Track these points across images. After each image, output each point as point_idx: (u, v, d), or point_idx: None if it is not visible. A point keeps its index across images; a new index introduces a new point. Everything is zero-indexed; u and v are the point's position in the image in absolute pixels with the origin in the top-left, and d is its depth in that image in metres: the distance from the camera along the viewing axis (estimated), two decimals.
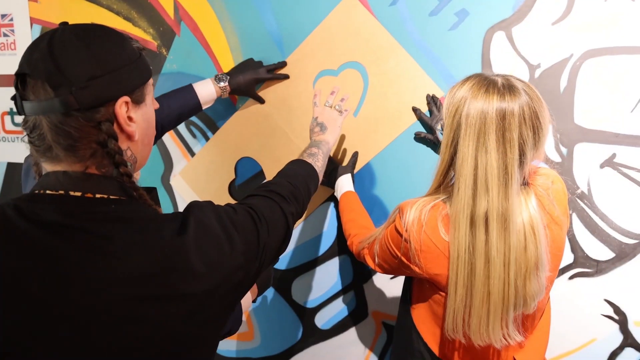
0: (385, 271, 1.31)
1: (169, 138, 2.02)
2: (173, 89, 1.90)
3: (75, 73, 0.81)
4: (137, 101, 0.90)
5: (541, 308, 1.25)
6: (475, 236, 1.07)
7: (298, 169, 1.31)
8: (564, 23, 1.55)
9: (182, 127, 1.99)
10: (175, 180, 2.05)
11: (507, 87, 1.07)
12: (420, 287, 1.27)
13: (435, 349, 1.26)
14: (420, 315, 1.28)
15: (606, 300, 1.63)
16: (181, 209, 1.38)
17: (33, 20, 2.10)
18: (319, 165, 1.40)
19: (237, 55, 1.86)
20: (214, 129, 1.96)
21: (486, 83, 1.09)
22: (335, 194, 1.72)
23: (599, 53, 1.54)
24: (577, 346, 1.68)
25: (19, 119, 2.23)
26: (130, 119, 0.88)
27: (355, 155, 1.78)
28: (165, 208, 2.04)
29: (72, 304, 0.77)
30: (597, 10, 1.52)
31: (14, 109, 2.22)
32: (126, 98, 0.86)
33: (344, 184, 1.69)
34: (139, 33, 1.96)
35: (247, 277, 0.92)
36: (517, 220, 1.07)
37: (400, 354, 1.39)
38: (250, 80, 1.78)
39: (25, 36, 2.13)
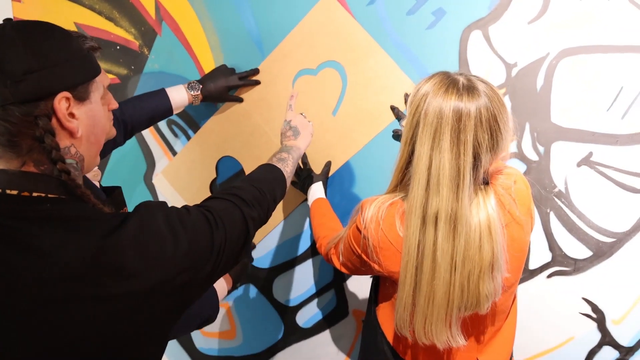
0: (349, 270, 1.31)
1: (151, 137, 2.03)
2: (155, 88, 1.91)
3: (11, 66, 0.80)
4: (81, 98, 0.89)
5: (504, 310, 1.24)
6: (425, 235, 1.07)
7: (266, 174, 1.30)
8: (540, 22, 1.55)
9: (163, 126, 2.00)
10: (157, 179, 2.06)
11: (467, 88, 1.05)
12: (383, 286, 1.28)
13: (398, 349, 1.26)
14: (385, 314, 1.28)
15: (584, 299, 1.63)
16: None
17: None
18: (288, 170, 1.39)
19: (218, 54, 1.87)
20: (196, 128, 1.97)
21: (447, 82, 1.07)
22: (308, 202, 1.72)
23: (575, 52, 1.54)
24: (555, 345, 1.68)
25: None
26: (72, 115, 0.87)
27: (328, 165, 1.80)
28: None
29: None
30: (572, 9, 1.51)
31: None
32: (66, 94, 0.85)
33: (315, 191, 1.70)
34: (121, 33, 1.97)
35: (195, 279, 0.91)
36: (470, 222, 1.06)
37: (366, 353, 1.39)
38: (222, 88, 1.79)
39: None
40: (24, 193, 0.83)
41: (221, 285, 1.53)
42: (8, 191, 0.82)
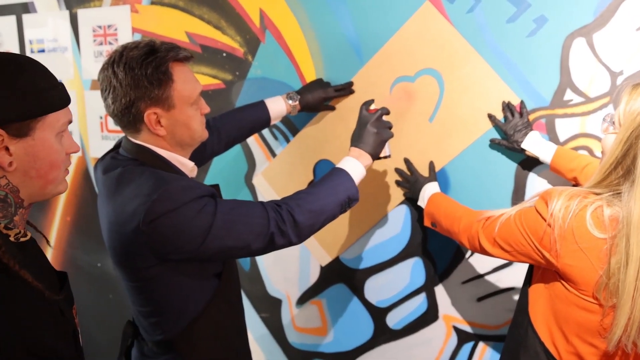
0: (502, 252, 1.29)
1: (253, 139, 2.14)
2: (258, 93, 2.03)
3: None
4: (17, 134, 0.91)
5: None
6: None
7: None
8: None
9: (265, 130, 2.11)
10: (257, 180, 2.17)
11: None
12: (542, 281, 1.26)
13: (552, 350, 1.24)
14: (539, 312, 1.27)
15: None
16: None
17: (134, 30, 2.29)
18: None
19: (318, 61, 1.95)
20: (295, 132, 2.06)
21: None
22: (418, 202, 1.74)
23: None
24: None
25: None
26: (6, 149, 0.90)
27: (432, 165, 1.81)
28: None
29: None
30: None
31: None
32: None
33: (432, 189, 1.71)
34: (227, 40, 2.09)
35: None
36: None
37: (512, 350, 1.37)
38: (319, 99, 1.88)
39: None
40: None
41: (353, 165, 1.50)
42: None
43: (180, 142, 1.36)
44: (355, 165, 1.48)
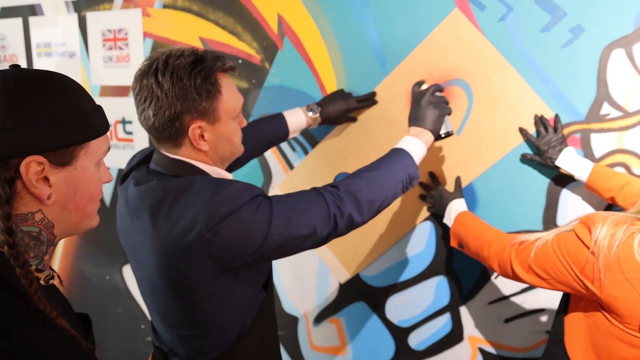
0: (538, 280, 1.22)
1: (270, 152, 2.06)
2: (275, 101, 1.94)
3: None
4: (59, 163, 0.81)
5: None
6: None
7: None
8: None
9: None
10: (273, 192, 2.09)
11: None
12: (581, 310, 1.19)
13: None
14: (576, 344, 1.20)
15: None
16: None
17: (146, 34, 2.21)
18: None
19: (339, 70, 1.87)
20: (314, 143, 1.97)
21: None
22: (444, 220, 1.66)
23: None
24: None
25: (130, 127, 2.36)
26: (45, 179, 0.80)
27: (459, 180, 1.73)
28: None
29: None
30: None
31: (126, 118, 2.35)
32: (38, 158, 0.78)
33: (459, 206, 1.64)
34: (243, 47, 2.01)
35: None
36: None
37: None
38: (341, 111, 1.79)
39: (138, 49, 2.24)
40: None
41: (411, 142, 1.44)
42: None
43: (222, 157, 1.28)
44: (414, 143, 1.41)
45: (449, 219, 1.63)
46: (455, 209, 1.63)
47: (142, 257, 1.24)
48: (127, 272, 2.51)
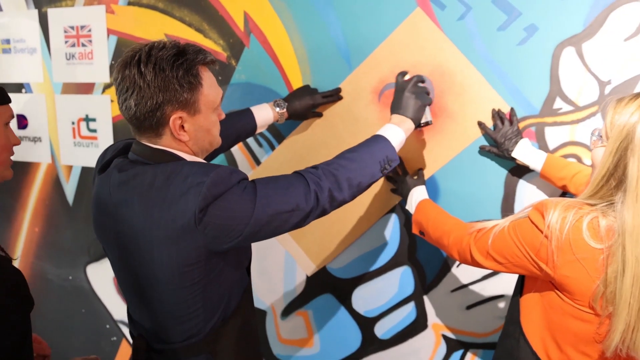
0: (496, 265, 1.29)
1: (236, 147, 2.08)
2: (242, 98, 1.96)
3: None
4: None
5: None
6: None
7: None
8: (638, 39, 1.53)
9: None
10: None
11: None
12: (535, 291, 1.26)
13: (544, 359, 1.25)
14: (531, 323, 1.27)
15: None
16: None
17: (110, 32, 2.20)
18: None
19: (305, 66, 1.91)
20: (280, 138, 2.01)
21: None
22: (406, 206, 1.72)
23: None
24: None
25: (93, 125, 2.34)
26: None
27: (421, 170, 1.80)
28: None
29: None
30: None
31: (90, 116, 2.33)
32: None
33: (420, 193, 1.70)
34: (210, 44, 2.03)
35: None
36: None
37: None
38: (308, 106, 1.85)
39: (102, 46, 2.23)
40: None
41: (390, 129, 1.51)
42: None
43: (201, 148, 1.31)
44: (393, 130, 1.49)
45: (410, 206, 1.69)
46: (417, 196, 1.69)
47: (128, 245, 1.26)
48: (92, 272, 2.48)
